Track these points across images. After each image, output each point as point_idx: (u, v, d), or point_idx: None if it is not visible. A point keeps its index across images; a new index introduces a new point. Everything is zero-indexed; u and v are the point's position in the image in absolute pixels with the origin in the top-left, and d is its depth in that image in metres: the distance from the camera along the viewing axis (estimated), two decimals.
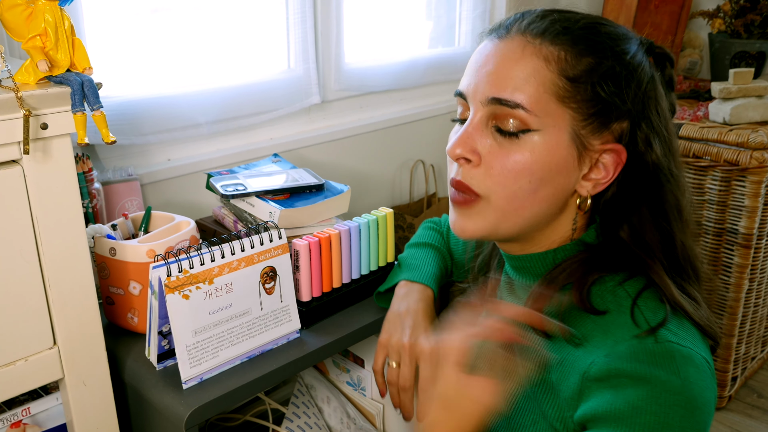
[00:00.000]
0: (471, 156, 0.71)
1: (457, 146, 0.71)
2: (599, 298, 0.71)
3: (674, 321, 0.68)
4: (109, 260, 0.98)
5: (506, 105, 0.68)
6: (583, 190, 0.72)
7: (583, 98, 0.68)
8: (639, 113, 0.71)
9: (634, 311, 0.69)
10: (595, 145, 0.70)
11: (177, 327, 0.87)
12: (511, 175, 0.69)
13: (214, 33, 1.44)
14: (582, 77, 0.68)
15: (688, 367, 0.64)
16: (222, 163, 1.47)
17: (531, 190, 0.70)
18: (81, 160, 1.15)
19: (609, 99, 0.69)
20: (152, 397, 0.90)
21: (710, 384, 0.66)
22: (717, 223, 1.72)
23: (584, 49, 0.69)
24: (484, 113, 0.71)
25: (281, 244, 0.98)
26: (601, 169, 0.71)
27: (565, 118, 0.68)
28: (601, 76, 0.68)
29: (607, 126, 0.70)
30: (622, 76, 0.69)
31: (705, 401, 0.64)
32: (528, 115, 0.68)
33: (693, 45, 2.35)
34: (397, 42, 1.85)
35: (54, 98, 0.75)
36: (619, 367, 0.64)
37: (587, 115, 0.69)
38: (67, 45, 0.76)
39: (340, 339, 1.03)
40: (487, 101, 0.70)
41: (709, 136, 1.67)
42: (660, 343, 0.65)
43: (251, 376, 0.92)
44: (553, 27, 0.70)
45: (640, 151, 0.71)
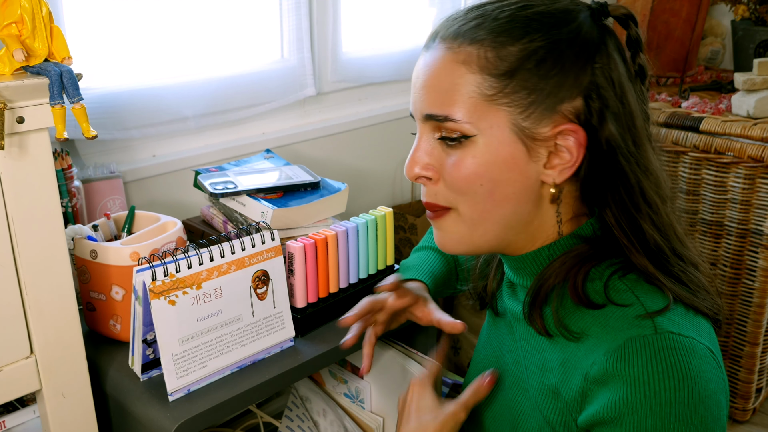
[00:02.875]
0: (427, 173, 0.74)
1: (411, 167, 0.75)
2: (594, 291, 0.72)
3: (674, 308, 0.69)
4: (89, 263, 0.98)
5: (437, 120, 0.71)
6: (549, 179, 0.73)
7: (515, 90, 0.69)
8: (588, 88, 0.71)
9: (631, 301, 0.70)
10: (545, 132, 0.70)
11: (162, 335, 0.87)
12: (464, 182, 0.72)
13: (202, 20, 1.44)
14: (509, 70, 0.69)
15: (690, 359, 0.65)
16: (211, 159, 1.48)
17: (487, 193, 0.72)
18: (60, 156, 1.15)
19: (545, 85, 0.69)
20: (136, 410, 0.90)
21: (715, 375, 0.67)
22: (740, 224, 1.72)
23: (506, 39, 0.69)
24: (426, 128, 0.74)
25: (274, 246, 0.98)
26: (563, 154, 0.72)
27: (500, 116, 0.69)
28: (531, 62, 0.69)
29: (554, 109, 0.70)
30: (555, 57, 0.69)
31: (710, 393, 0.65)
32: (459, 125, 0.70)
33: (715, 33, 2.35)
34: (398, 30, 1.85)
35: (31, 90, 0.75)
36: (616, 367, 0.66)
37: (524, 106, 0.69)
38: (45, 33, 0.76)
39: (337, 348, 1.03)
40: (423, 118, 0.73)
41: (732, 131, 1.67)
42: (660, 335, 0.66)
43: (242, 388, 0.92)
44: (468, 25, 0.71)
45: (595, 128, 0.71)
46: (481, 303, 0.93)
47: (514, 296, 0.83)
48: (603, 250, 0.74)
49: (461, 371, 1.89)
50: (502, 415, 0.83)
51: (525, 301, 0.77)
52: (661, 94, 1.97)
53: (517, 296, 0.82)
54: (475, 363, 0.94)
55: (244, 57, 1.54)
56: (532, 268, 0.78)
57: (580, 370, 0.70)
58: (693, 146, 1.74)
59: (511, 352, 0.84)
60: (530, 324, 0.76)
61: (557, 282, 0.74)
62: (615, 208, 0.73)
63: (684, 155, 1.77)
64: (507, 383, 0.84)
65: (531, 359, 0.78)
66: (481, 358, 0.92)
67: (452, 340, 1.92)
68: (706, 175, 1.74)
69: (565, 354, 0.72)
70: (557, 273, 0.74)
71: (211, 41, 1.47)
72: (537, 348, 0.77)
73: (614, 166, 0.73)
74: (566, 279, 0.74)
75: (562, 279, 0.74)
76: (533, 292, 0.76)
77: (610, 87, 0.71)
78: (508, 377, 0.84)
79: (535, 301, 0.75)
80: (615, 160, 0.72)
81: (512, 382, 0.82)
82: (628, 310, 0.69)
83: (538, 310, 0.75)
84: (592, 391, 0.68)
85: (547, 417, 0.74)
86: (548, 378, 0.74)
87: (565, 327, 0.72)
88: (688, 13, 1.90)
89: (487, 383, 0.81)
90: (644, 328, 0.67)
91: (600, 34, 0.72)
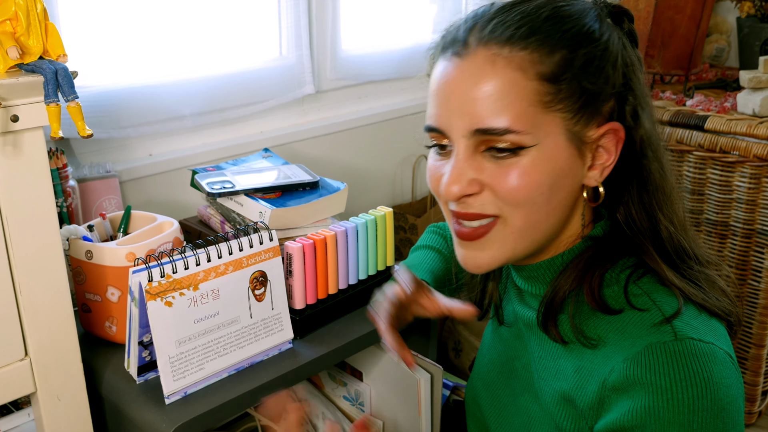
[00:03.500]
0: (471, 189, 0.70)
1: (452, 185, 0.69)
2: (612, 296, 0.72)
3: (690, 311, 0.69)
4: (85, 264, 0.98)
5: (493, 133, 0.68)
6: (591, 181, 0.73)
7: (567, 95, 0.68)
8: (622, 87, 0.71)
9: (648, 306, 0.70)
10: (592, 134, 0.71)
11: (159, 337, 0.87)
12: (521, 194, 0.69)
13: (199, 17, 1.44)
14: (561, 74, 0.68)
15: (712, 366, 0.65)
16: (208, 158, 1.47)
17: (545, 202, 0.70)
18: (55, 156, 1.15)
19: (593, 87, 0.69)
20: (132, 413, 0.89)
21: (735, 380, 0.67)
22: (746, 224, 1.72)
23: (556, 43, 0.68)
24: (470, 144, 0.69)
25: (272, 246, 0.98)
26: (603, 153, 0.72)
27: (557, 123, 0.69)
28: (580, 66, 0.68)
29: (599, 111, 0.71)
30: (598, 57, 0.69)
31: (731, 399, 0.65)
32: (519, 136, 0.67)
33: (720, 30, 2.35)
34: (398, 26, 1.85)
35: (25, 88, 0.75)
36: (638, 374, 0.66)
37: (576, 110, 0.69)
38: (40, 30, 0.76)
39: (336, 350, 1.03)
40: (471, 134, 0.68)
41: (738, 129, 1.66)
42: (680, 341, 0.66)
43: (239, 391, 0.92)
44: (517, 29, 0.68)
45: (629, 126, 0.72)
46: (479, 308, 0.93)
47: (524, 302, 0.82)
48: (615, 251, 0.74)
49: (462, 374, 1.89)
50: (511, 422, 0.83)
51: (540, 310, 0.76)
52: (665, 92, 1.96)
53: (527, 302, 0.81)
54: (479, 367, 0.93)
55: (241, 54, 1.54)
56: (545, 276, 0.77)
57: (597, 377, 0.69)
58: (698, 145, 1.74)
59: (520, 358, 0.83)
60: (545, 332, 0.75)
61: (572, 288, 0.73)
62: (635, 207, 0.73)
63: (688, 154, 1.77)
64: (517, 389, 0.83)
65: (544, 365, 0.78)
66: (486, 362, 0.91)
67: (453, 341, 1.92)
68: (711, 174, 1.74)
69: (580, 361, 0.72)
70: (572, 279, 0.74)
71: (209, 38, 1.47)
72: (551, 354, 0.77)
73: (640, 164, 0.73)
74: (581, 284, 0.73)
75: (577, 284, 0.73)
76: (548, 301, 0.75)
77: (638, 85, 0.72)
78: (517, 383, 0.83)
79: (549, 309, 0.75)
80: (644, 158, 0.73)
81: (523, 389, 0.82)
82: (646, 316, 0.69)
83: (553, 318, 0.74)
84: (610, 399, 0.68)
85: (560, 424, 0.74)
86: (561, 384, 0.73)
87: (582, 333, 0.72)
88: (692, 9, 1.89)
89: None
90: (664, 334, 0.67)
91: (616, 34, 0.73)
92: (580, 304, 0.73)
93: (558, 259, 0.76)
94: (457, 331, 1.90)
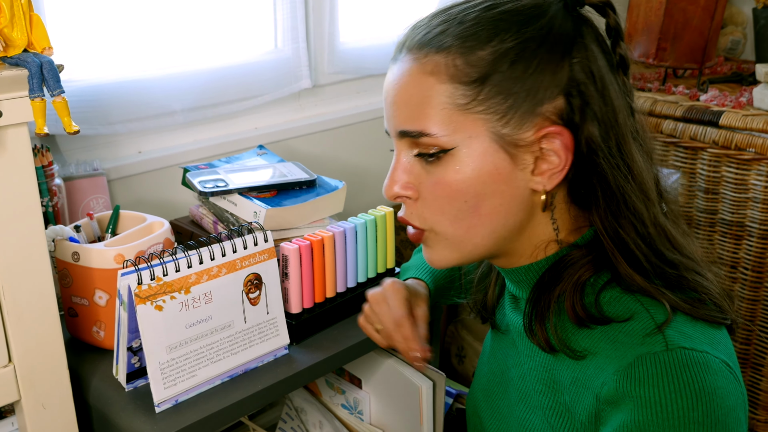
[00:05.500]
0: (407, 192, 0.75)
1: (389, 187, 0.76)
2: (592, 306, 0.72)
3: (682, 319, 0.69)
4: (71, 266, 0.98)
5: (411, 136, 0.72)
6: (539, 186, 0.72)
7: (489, 96, 0.68)
8: (568, 84, 0.70)
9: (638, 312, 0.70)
10: (528, 137, 0.69)
11: (149, 342, 0.87)
12: (445, 201, 0.72)
13: (191, 8, 1.44)
14: (481, 76, 0.68)
15: (705, 376, 0.65)
16: (200, 156, 1.48)
17: (472, 209, 0.72)
18: (40, 153, 1.15)
19: (521, 87, 0.68)
20: (120, 422, 0.90)
21: (732, 390, 0.66)
22: (762, 225, 1.72)
23: (474, 44, 0.68)
24: (402, 145, 0.74)
25: (267, 248, 0.98)
26: (550, 158, 0.71)
27: (478, 125, 0.69)
28: (503, 65, 0.68)
29: (534, 112, 0.69)
30: (529, 53, 0.68)
31: (727, 411, 0.65)
32: (434, 139, 0.70)
33: (735, 22, 2.35)
34: (398, 18, 1.85)
35: (9, 82, 0.75)
36: (627, 388, 0.66)
37: (502, 112, 0.69)
38: (24, 22, 0.76)
39: (334, 356, 1.03)
40: (398, 134, 0.74)
41: (754, 126, 1.67)
42: (671, 351, 0.66)
43: (233, 399, 0.92)
44: (432, 33, 0.71)
45: (578, 127, 0.71)
46: (481, 315, 0.93)
47: (517, 309, 0.83)
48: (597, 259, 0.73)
49: (465, 381, 1.89)
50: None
51: (524, 315, 0.77)
52: (678, 86, 1.97)
53: (520, 309, 0.82)
54: (479, 376, 0.94)
55: (235, 47, 1.54)
56: (529, 280, 0.78)
57: (591, 389, 0.69)
58: (712, 142, 1.74)
59: (516, 367, 0.84)
60: (532, 339, 0.76)
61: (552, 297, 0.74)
62: (598, 215, 0.73)
63: (702, 151, 1.77)
64: (514, 399, 0.83)
65: (538, 377, 0.78)
66: (485, 372, 0.92)
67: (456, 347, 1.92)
68: (726, 172, 1.74)
69: (574, 372, 0.72)
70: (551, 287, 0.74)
71: (201, 30, 1.47)
72: (544, 365, 0.77)
73: (594, 169, 0.72)
74: (562, 293, 0.73)
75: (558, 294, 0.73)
76: (531, 305, 0.76)
77: (590, 82, 0.70)
78: (514, 393, 0.83)
79: (533, 314, 0.75)
80: (595, 162, 0.71)
81: (519, 398, 0.82)
82: (636, 324, 0.69)
83: (540, 325, 0.74)
84: (605, 413, 0.68)
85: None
86: (562, 397, 0.74)
87: (567, 346, 0.72)
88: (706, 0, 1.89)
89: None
90: (655, 345, 0.66)
91: (575, 26, 0.71)
92: (563, 313, 0.73)
93: (541, 263, 0.76)
94: (461, 336, 1.90)
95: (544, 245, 0.76)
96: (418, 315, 0.94)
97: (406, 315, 0.91)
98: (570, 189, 0.74)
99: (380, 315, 0.94)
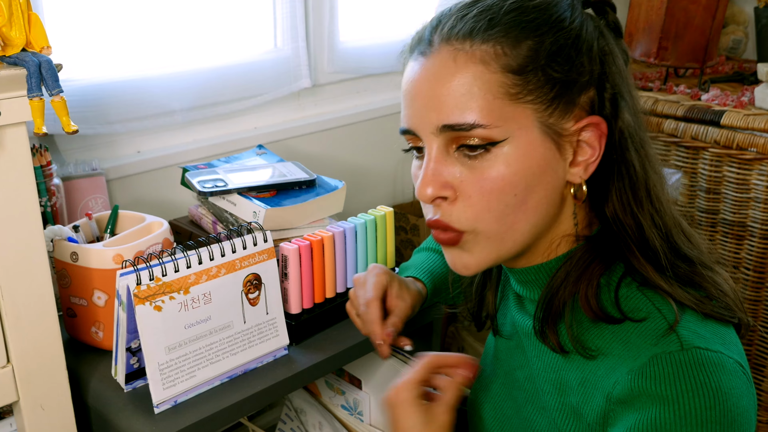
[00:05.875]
0: (445, 192, 0.71)
1: (426, 186, 0.71)
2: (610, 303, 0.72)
3: (694, 318, 0.69)
4: (70, 266, 0.99)
5: (461, 129, 0.69)
6: (575, 178, 0.73)
7: (537, 86, 0.69)
8: (600, 77, 0.72)
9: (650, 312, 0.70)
10: (569, 127, 0.71)
11: (148, 343, 0.87)
12: (494, 196, 0.70)
13: (190, 7, 1.44)
14: (528, 65, 0.68)
15: (720, 376, 0.65)
16: (199, 155, 1.48)
17: (519, 203, 0.71)
18: (38, 152, 1.15)
19: (564, 76, 0.69)
20: (119, 423, 0.90)
21: (746, 391, 0.67)
22: (764, 225, 1.72)
23: (519, 33, 0.69)
24: (441, 142, 0.70)
25: (267, 248, 0.98)
26: (586, 149, 0.72)
27: (528, 115, 0.69)
28: (548, 56, 0.69)
29: (574, 102, 0.71)
30: (569, 46, 0.70)
31: (741, 411, 0.65)
32: (488, 131, 0.68)
33: (736, 21, 2.35)
34: (398, 18, 1.85)
35: (7, 81, 0.75)
36: (643, 386, 0.66)
37: (548, 101, 0.69)
38: (23, 21, 0.76)
39: (333, 356, 1.03)
40: (438, 130, 0.70)
41: (756, 125, 1.67)
42: (686, 350, 0.66)
43: (232, 399, 0.92)
44: (478, 23, 0.70)
45: (609, 117, 0.72)
46: (477, 323, 0.93)
47: (523, 310, 0.82)
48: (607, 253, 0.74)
49: None
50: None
51: (536, 317, 0.76)
52: (679, 86, 1.97)
53: (526, 310, 0.81)
54: (481, 378, 0.93)
55: (234, 46, 1.54)
56: (541, 279, 0.77)
57: (601, 390, 0.69)
58: (713, 141, 1.74)
59: (522, 368, 0.83)
60: (543, 341, 0.75)
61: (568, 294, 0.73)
62: (618, 204, 0.73)
63: (704, 151, 1.77)
64: (520, 401, 0.83)
65: (546, 378, 0.78)
66: (488, 374, 0.91)
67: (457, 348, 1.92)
68: (728, 172, 1.74)
69: (583, 373, 0.72)
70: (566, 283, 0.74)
71: (200, 30, 1.47)
72: (552, 366, 0.77)
73: (622, 158, 0.73)
74: (577, 290, 0.73)
75: (573, 290, 0.73)
76: (544, 307, 0.75)
77: (618, 74, 0.72)
78: (520, 394, 0.83)
79: (547, 316, 0.75)
80: (626, 151, 0.73)
81: (526, 400, 0.82)
82: (649, 324, 0.69)
83: (552, 326, 0.74)
84: (615, 413, 0.68)
85: None
86: (569, 398, 0.73)
87: (581, 344, 0.72)
88: None
89: (468, 376, 0.80)
90: (669, 344, 0.66)
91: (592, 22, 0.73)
92: (577, 312, 0.73)
93: (552, 262, 0.76)
94: (461, 337, 1.90)
95: (558, 243, 0.76)
96: (395, 304, 0.93)
97: (375, 298, 0.91)
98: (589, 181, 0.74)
99: (358, 298, 0.94)
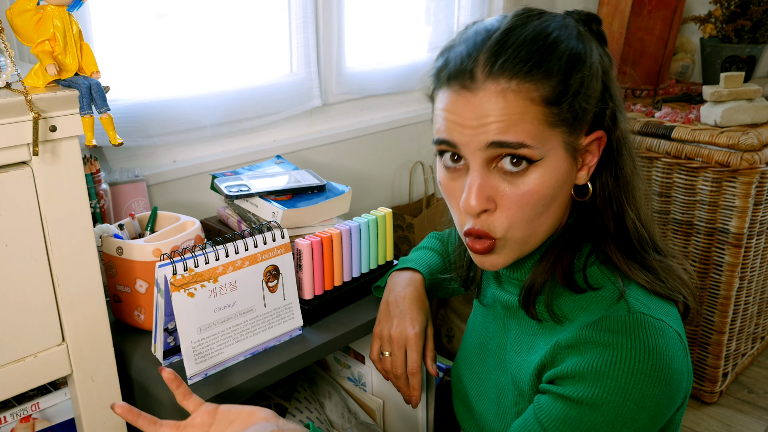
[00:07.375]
0: (489, 205, 0.70)
1: (475, 201, 0.69)
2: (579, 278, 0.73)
3: (643, 292, 0.70)
4: (116, 259, 0.98)
5: (509, 146, 0.67)
6: (582, 180, 0.73)
7: (567, 115, 0.68)
8: (603, 94, 0.72)
9: (606, 285, 0.71)
10: (582, 142, 0.71)
11: (182, 324, 0.87)
12: (527, 207, 0.69)
13: (218, 37, 1.44)
14: (561, 98, 0.67)
15: (658, 338, 0.65)
16: (226, 164, 1.47)
17: (544, 211, 0.71)
18: (89, 162, 1.15)
19: (586, 104, 0.70)
20: (158, 393, 0.89)
21: (680, 357, 0.67)
22: (708, 223, 1.72)
23: (553, 72, 0.67)
24: (484, 158, 0.69)
25: (284, 243, 0.98)
26: (588, 155, 0.73)
27: (558, 138, 0.69)
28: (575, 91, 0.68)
29: (587, 121, 0.71)
30: (587, 77, 0.69)
31: (673, 372, 0.65)
32: (531, 150, 0.67)
33: (685, 49, 2.35)
34: (396, 46, 1.85)
35: (62, 101, 0.75)
36: (589, 335, 0.67)
37: (572, 125, 0.69)
38: (76, 49, 0.76)
39: (341, 336, 1.03)
40: (486, 146, 0.68)
41: (701, 138, 1.67)
42: (632, 314, 0.67)
43: (254, 372, 0.92)
44: (520, 62, 0.66)
45: (610, 128, 0.73)
46: (465, 285, 0.94)
47: (501, 287, 0.83)
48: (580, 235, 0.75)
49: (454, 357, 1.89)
50: (487, 394, 0.84)
51: (521, 293, 0.76)
52: (636, 105, 1.96)
53: (504, 287, 0.82)
54: (462, 348, 0.95)
55: (256, 71, 1.54)
56: (528, 262, 0.78)
57: (556, 340, 0.70)
58: (665, 152, 1.74)
59: (495, 337, 0.84)
60: (525, 311, 0.76)
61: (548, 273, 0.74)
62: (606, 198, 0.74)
63: (657, 161, 1.77)
64: (491, 366, 0.84)
65: (520, 341, 0.79)
66: (467, 344, 0.93)
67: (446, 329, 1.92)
68: (677, 178, 1.74)
69: (551, 336, 0.73)
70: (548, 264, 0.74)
71: (227, 57, 1.47)
72: (528, 332, 0.78)
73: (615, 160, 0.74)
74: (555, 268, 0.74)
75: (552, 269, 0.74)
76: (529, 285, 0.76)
77: (614, 89, 0.73)
78: (491, 359, 0.84)
79: (530, 292, 0.75)
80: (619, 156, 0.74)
81: (495, 364, 0.83)
82: (604, 293, 0.70)
83: (533, 299, 0.75)
84: (561, 356, 0.69)
85: (525, 392, 0.75)
86: (535, 357, 0.74)
87: (551, 311, 0.73)
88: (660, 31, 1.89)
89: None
90: (619, 309, 0.68)
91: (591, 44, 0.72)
92: (552, 286, 0.74)
93: (543, 246, 0.76)
94: (450, 319, 1.90)
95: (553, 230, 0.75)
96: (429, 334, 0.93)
97: (419, 366, 0.89)
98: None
99: (397, 358, 0.91)
